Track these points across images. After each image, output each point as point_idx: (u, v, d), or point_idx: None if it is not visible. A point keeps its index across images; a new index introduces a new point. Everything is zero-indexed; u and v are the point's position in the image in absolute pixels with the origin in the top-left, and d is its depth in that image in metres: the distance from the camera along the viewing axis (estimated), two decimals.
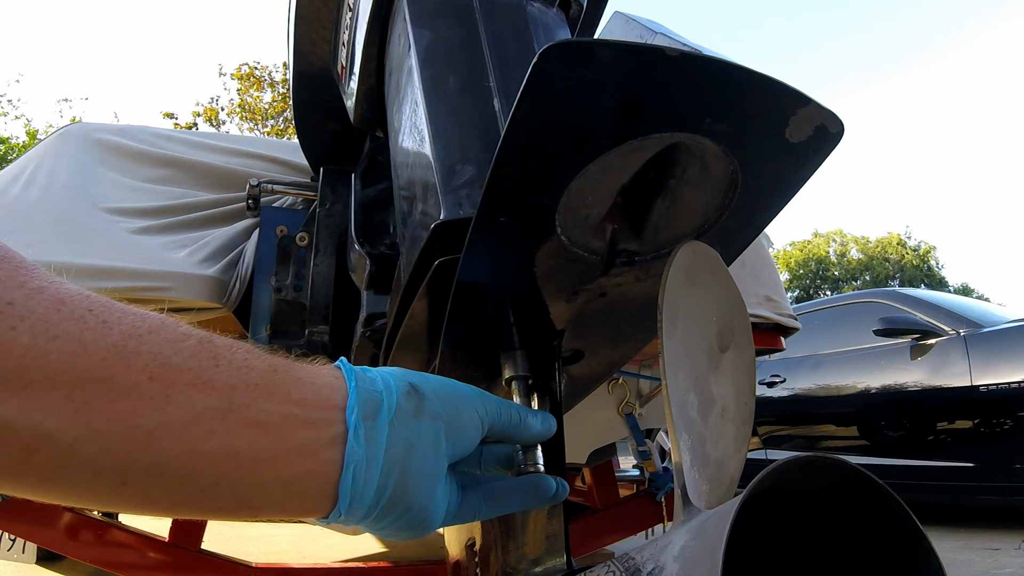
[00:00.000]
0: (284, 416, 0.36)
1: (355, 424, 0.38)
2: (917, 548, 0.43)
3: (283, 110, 14.82)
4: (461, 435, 0.43)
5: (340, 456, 0.37)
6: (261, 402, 0.36)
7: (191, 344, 0.35)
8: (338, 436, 0.37)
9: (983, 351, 3.32)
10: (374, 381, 0.41)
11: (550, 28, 0.73)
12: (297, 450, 0.36)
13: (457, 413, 0.43)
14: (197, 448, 0.33)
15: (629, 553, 0.45)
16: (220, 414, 0.34)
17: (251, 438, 0.35)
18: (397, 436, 0.39)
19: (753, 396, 0.54)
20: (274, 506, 0.37)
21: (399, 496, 0.39)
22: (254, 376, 0.36)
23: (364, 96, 0.93)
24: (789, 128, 0.48)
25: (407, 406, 0.40)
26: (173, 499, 0.34)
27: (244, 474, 0.35)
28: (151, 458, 0.32)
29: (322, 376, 0.39)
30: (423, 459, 0.40)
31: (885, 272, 31.61)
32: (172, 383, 0.33)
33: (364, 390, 0.40)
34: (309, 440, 0.37)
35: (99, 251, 1.24)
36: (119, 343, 0.32)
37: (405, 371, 0.44)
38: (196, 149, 1.59)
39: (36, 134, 15.06)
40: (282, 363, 0.38)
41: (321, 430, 0.37)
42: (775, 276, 1.71)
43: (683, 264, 0.51)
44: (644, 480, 2.07)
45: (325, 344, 1.15)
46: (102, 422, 0.31)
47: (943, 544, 2.90)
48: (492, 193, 0.48)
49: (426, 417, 0.41)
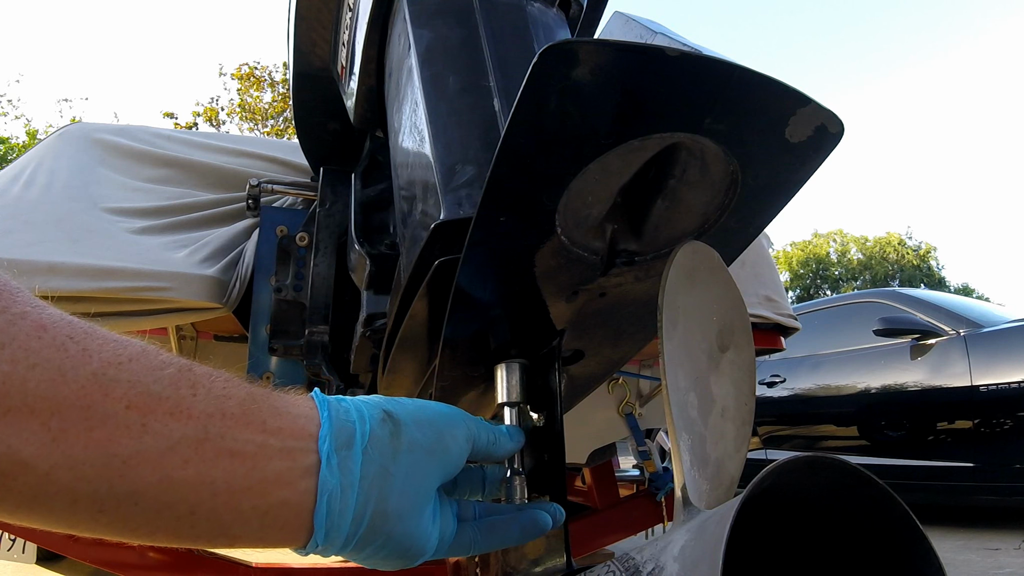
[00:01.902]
0: (259, 446, 0.36)
1: (328, 453, 0.38)
2: (917, 548, 0.43)
3: (283, 110, 14.82)
4: (444, 459, 0.43)
5: (315, 485, 0.38)
6: (237, 431, 0.36)
7: (170, 372, 0.35)
8: (312, 466, 0.38)
9: (983, 351, 3.32)
10: (348, 411, 0.41)
11: (550, 28, 0.73)
12: (272, 480, 0.36)
13: (438, 437, 0.43)
14: (173, 477, 0.34)
15: (629, 553, 0.45)
16: (196, 443, 0.34)
17: (227, 467, 0.35)
18: (373, 464, 0.39)
19: (753, 396, 0.54)
20: (251, 535, 0.37)
21: (379, 523, 0.39)
22: (231, 405, 0.36)
23: (364, 96, 0.93)
24: (789, 128, 0.48)
25: (381, 433, 0.41)
26: (151, 526, 0.35)
27: (220, 503, 0.35)
28: (127, 486, 0.33)
29: (298, 406, 0.40)
30: (402, 485, 0.40)
31: (885, 272, 31.62)
32: (149, 412, 0.33)
33: (337, 419, 0.40)
34: (284, 470, 0.37)
35: (99, 251, 1.24)
36: (98, 371, 0.32)
37: (382, 399, 0.44)
38: (196, 149, 1.59)
39: (36, 134, 15.07)
40: (260, 392, 0.39)
41: (296, 460, 0.37)
42: (775, 276, 1.71)
43: (683, 264, 0.51)
44: (644, 480, 2.07)
45: (325, 344, 1.15)
46: (79, 450, 0.31)
47: (943, 544, 2.90)
48: (492, 193, 0.47)
49: (403, 443, 0.41)
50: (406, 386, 0.73)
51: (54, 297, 0.36)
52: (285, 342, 1.23)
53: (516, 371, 0.56)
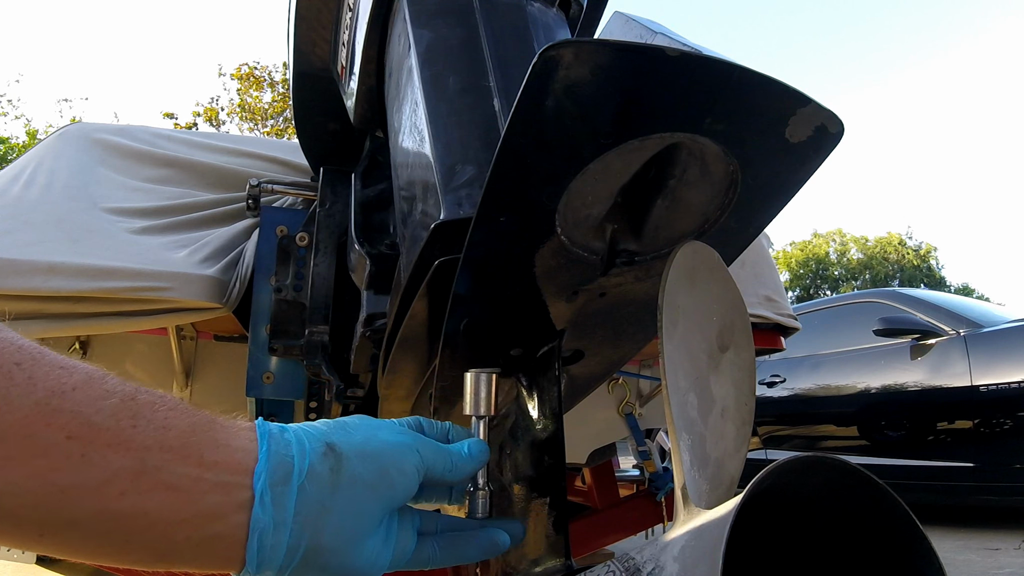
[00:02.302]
0: (195, 479, 0.37)
1: (262, 490, 0.38)
2: (917, 548, 0.43)
3: (283, 110, 14.82)
4: (387, 493, 0.43)
5: (247, 521, 0.38)
6: (174, 465, 0.36)
7: (113, 403, 0.36)
8: (246, 501, 0.38)
9: (983, 351, 3.32)
10: (288, 444, 0.41)
11: (550, 28, 0.73)
12: (206, 513, 0.37)
13: (381, 471, 0.43)
14: (109, 508, 0.34)
15: (629, 553, 0.45)
16: (133, 475, 0.35)
17: (161, 500, 0.36)
18: (310, 500, 0.39)
19: (753, 396, 0.54)
20: (187, 563, 0.38)
21: (312, 557, 0.40)
22: (170, 437, 0.37)
23: (364, 96, 0.93)
24: (789, 128, 0.48)
25: (321, 468, 0.40)
26: (90, 550, 0.36)
27: (156, 534, 0.36)
28: (66, 514, 0.34)
29: (238, 438, 0.40)
30: (340, 520, 0.40)
31: (885, 272, 31.62)
32: (89, 442, 0.34)
33: (276, 454, 0.40)
34: (218, 504, 0.37)
35: (99, 251, 1.24)
36: (42, 400, 0.33)
37: (329, 428, 0.43)
38: (196, 149, 1.59)
39: (36, 134, 15.07)
40: (203, 422, 0.39)
41: (230, 494, 0.38)
42: (775, 276, 1.71)
43: (683, 264, 0.51)
44: (644, 480, 2.07)
45: (325, 344, 1.15)
46: (21, 478, 0.32)
47: (943, 544, 2.90)
48: (492, 193, 0.48)
49: (343, 478, 0.41)
50: (406, 386, 0.73)
51: (54, 297, 0.36)
52: (285, 342, 1.23)
53: (485, 381, 0.53)
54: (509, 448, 0.63)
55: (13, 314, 1.18)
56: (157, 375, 1.51)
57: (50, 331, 1.21)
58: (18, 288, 1.15)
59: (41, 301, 1.17)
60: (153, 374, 1.52)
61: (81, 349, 1.48)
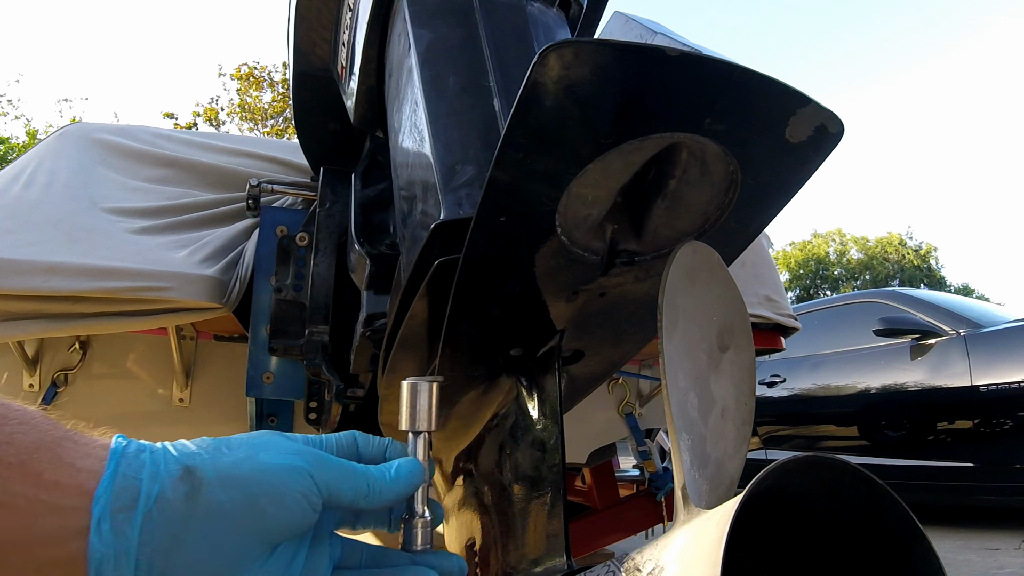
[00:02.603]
0: (30, 500, 0.34)
1: (99, 516, 0.35)
2: (917, 548, 0.43)
3: (283, 110, 14.81)
4: (260, 524, 0.38)
5: (85, 549, 0.35)
6: (11, 483, 0.34)
7: None
8: (83, 528, 0.35)
9: (983, 351, 3.32)
10: (141, 466, 0.37)
11: (550, 28, 0.73)
12: (42, 538, 0.34)
13: (249, 500, 0.38)
14: None
15: (629, 553, 0.45)
16: None
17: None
18: (157, 529, 0.36)
19: (753, 396, 0.54)
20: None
21: None
22: (11, 453, 0.34)
23: (364, 96, 0.93)
24: (789, 128, 0.48)
25: (174, 495, 0.36)
26: None
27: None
28: None
29: (87, 457, 0.37)
30: (196, 554, 0.36)
31: (885, 272, 31.63)
32: None
33: (123, 476, 0.36)
34: (55, 528, 0.34)
35: (99, 251, 1.24)
36: None
37: (195, 449, 0.39)
38: (196, 149, 1.59)
39: (36, 134, 15.07)
40: (53, 439, 0.36)
41: (68, 519, 0.35)
42: (775, 276, 1.71)
43: (683, 264, 0.51)
44: (644, 480, 2.07)
45: (325, 344, 1.15)
46: None
47: (943, 544, 2.90)
48: (492, 193, 0.48)
49: (199, 507, 0.37)
50: None
51: (54, 297, 0.36)
52: (285, 342, 1.23)
53: (425, 391, 0.47)
54: (509, 448, 0.63)
55: (13, 314, 1.18)
56: (157, 375, 1.51)
57: (50, 331, 1.21)
58: (18, 288, 1.15)
59: (41, 301, 1.17)
60: (153, 374, 1.52)
61: (81, 349, 1.48)
